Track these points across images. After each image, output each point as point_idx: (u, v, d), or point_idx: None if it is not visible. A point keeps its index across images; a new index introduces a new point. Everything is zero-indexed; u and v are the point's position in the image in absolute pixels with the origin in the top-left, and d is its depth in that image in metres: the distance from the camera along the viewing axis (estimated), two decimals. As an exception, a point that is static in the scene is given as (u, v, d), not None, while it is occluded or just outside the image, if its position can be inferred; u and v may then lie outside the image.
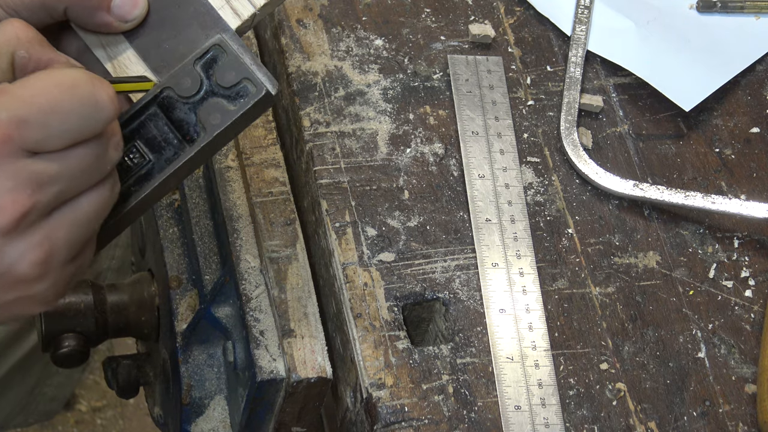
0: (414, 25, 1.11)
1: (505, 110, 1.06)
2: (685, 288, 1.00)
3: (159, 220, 1.13)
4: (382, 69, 1.08)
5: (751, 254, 1.02)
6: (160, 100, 0.80)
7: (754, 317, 0.99)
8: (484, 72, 1.08)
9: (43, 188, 0.71)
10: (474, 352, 0.94)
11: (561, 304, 0.97)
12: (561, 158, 1.05)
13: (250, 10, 0.84)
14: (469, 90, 1.06)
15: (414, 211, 1.00)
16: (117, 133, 0.74)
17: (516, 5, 1.14)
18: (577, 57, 1.10)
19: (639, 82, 1.10)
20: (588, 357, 0.95)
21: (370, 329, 0.93)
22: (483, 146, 1.03)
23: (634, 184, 1.02)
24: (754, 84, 1.13)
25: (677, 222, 1.03)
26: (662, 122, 1.09)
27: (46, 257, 0.72)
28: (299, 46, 1.07)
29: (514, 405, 0.91)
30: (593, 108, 1.08)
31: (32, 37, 0.75)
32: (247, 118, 0.80)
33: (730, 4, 1.15)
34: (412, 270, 0.97)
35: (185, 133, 0.79)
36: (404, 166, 1.02)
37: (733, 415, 0.94)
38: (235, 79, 0.80)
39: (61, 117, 0.70)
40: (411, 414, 0.90)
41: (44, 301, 0.75)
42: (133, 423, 2.10)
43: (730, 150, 1.08)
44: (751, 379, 0.96)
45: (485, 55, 1.09)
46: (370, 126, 1.04)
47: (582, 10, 1.13)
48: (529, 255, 0.98)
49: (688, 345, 0.97)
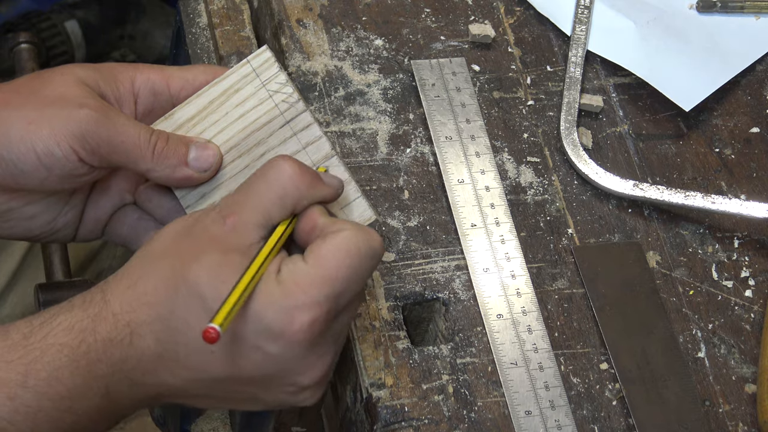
0: (414, 25, 1.11)
1: (475, 111, 1.05)
2: (685, 288, 1.00)
3: (159, 220, 1.12)
4: (382, 69, 1.08)
5: (751, 254, 1.02)
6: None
7: (754, 317, 0.99)
8: (449, 75, 1.07)
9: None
10: (474, 352, 0.94)
11: (561, 304, 0.97)
12: (561, 158, 1.05)
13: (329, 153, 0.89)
14: (437, 95, 1.06)
15: (414, 211, 1.00)
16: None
17: (516, 5, 1.14)
18: (577, 57, 1.10)
19: (639, 82, 1.10)
20: (588, 357, 0.95)
21: (370, 329, 0.93)
22: (458, 151, 1.03)
23: (634, 184, 1.02)
24: (754, 84, 1.13)
25: (677, 222, 1.03)
26: (662, 122, 1.09)
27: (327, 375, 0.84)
28: (299, 46, 1.07)
29: (525, 410, 0.91)
30: (593, 108, 1.08)
31: (307, 181, 0.83)
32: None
33: (730, 4, 1.15)
34: (412, 270, 0.97)
35: None
36: (404, 166, 1.02)
37: (733, 415, 0.94)
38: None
39: (361, 280, 0.81)
40: (411, 414, 0.90)
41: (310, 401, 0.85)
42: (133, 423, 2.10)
43: (730, 150, 1.08)
44: (751, 379, 0.96)
45: (448, 57, 1.08)
46: (370, 126, 1.04)
47: (582, 10, 1.13)
48: (518, 256, 0.98)
49: (688, 345, 0.97)
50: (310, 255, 0.79)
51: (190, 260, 0.78)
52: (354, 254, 0.79)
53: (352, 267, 0.79)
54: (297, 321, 0.77)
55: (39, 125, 0.83)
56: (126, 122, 0.85)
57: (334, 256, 0.79)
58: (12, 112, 0.84)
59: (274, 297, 0.77)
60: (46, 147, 0.83)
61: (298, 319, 0.77)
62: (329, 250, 0.79)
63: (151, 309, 0.79)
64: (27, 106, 0.84)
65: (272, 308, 0.77)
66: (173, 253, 0.80)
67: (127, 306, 0.79)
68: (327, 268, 0.79)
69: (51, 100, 0.84)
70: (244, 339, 0.78)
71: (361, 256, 0.80)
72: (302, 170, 0.82)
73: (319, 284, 0.78)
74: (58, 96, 0.84)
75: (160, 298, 0.78)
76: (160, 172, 0.86)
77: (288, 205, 0.81)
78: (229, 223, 0.80)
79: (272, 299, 0.77)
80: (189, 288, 0.78)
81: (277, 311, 0.77)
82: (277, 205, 0.81)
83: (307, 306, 0.77)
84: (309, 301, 0.77)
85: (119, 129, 0.84)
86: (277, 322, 0.77)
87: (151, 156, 0.85)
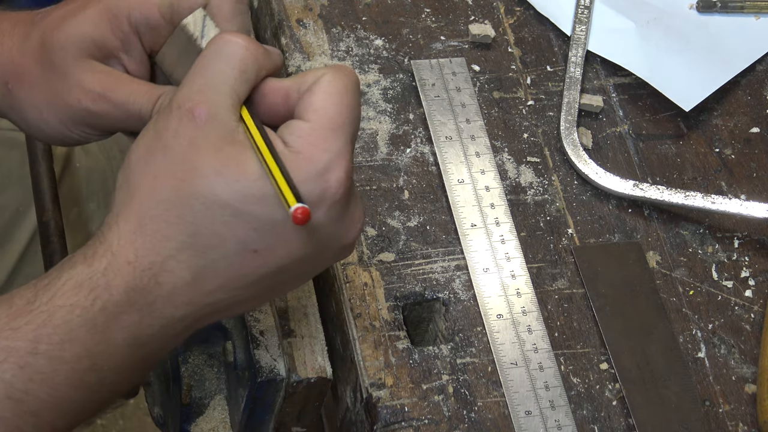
0: (414, 25, 1.11)
1: (475, 111, 1.05)
2: (685, 288, 1.00)
3: (159, 220, 1.12)
4: (382, 69, 1.08)
5: (751, 254, 1.02)
6: None
7: (754, 317, 0.99)
8: (449, 75, 1.07)
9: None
10: (474, 352, 0.94)
11: (561, 304, 0.97)
12: (561, 158, 1.05)
13: None
14: (437, 95, 1.06)
15: (414, 211, 1.00)
16: None
17: (516, 5, 1.14)
18: (577, 57, 1.10)
19: (639, 82, 1.10)
20: (588, 357, 0.95)
21: (370, 329, 0.93)
22: (458, 151, 1.03)
23: (634, 184, 1.03)
24: (754, 84, 1.13)
25: (677, 222, 1.03)
26: (662, 122, 1.09)
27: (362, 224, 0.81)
28: (299, 46, 1.07)
29: (525, 410, 0.91)
30: (593, 108, 1.08)
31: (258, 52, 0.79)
32: None
33: (730, 4, 1.15)
34: (412, 270, 0.97)
35: None
36: (404, 166, 1.02)
37: (733, 415, 0.94)
38: None
39: (359, 113, 0.78)
40: (411, 414, 0.90)
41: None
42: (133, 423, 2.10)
43: (730, 150, 1.08)
44: (751, 379, 0.96)
45: (448, 57, 1.08)
46: (370, 126, 1.04)
47: (582, 10, 1.13)
48: (518, 256, 0.98)
49: (688, 345, 0.97)
50: (308, 112, 0.76)
51: (187, 176, 0.75)
52: (344, 92, 0.77)
53: (350, 105, 0.77)
54: (332, 180, 0.75)
55: (49, 115, 0.89)
56: (127, 98, 0.87)
57: (332, 102, 0.76)
58: (25, 98, 0.90)
59: (300, 169, 0.74)
60: (60, 132, 0.90)
61: (332, 178, 0.74)
62: (323, 98, 0.76)
63: (169, 241, 0.75)
64: (36, 94, 0.89)
65: (305, 180, 0.74)
66: (162, 176, 0.76)
67: (142, 250, 0.75)
68: (331, 116, 0.76)
69: (57, 90, 0.88)
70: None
71: (351, 91, 0.77)
72: (253, 42, 0.78)
73: (332, 136, 0.75)
74: (64, 85, 0.88)
75: (176, 228, 0.75)
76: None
77: (251, 78, 0.78)
78: (200, 116, 0.76)
79: (300, 172, 0.74)
80: (205, 202, 0.74)
81: (310, 181, 0.74)
82: (241, 81, 0.77)
83: (333, 162, 0.75)
84: (333, 156, 0.75)
85: (122, 107, 0.87)
86: (316, 190, 0.74)
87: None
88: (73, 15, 0.91)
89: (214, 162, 0.74)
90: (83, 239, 1.42)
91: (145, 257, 0.75)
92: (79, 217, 1.43)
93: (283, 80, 0.79)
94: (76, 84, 0.90)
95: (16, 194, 1.36)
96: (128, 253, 0.76)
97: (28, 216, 1.36)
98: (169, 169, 0.76)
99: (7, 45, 0.93)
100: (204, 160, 0.74)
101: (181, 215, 0.75)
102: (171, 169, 0.75)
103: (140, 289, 0.75)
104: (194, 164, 0.75)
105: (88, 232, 1.43)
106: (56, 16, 0.92)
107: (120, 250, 0.76)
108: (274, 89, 0.79)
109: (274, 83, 0.79)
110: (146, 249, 0.75)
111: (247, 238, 0.75)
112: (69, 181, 1.43)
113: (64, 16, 0.91)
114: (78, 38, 0.90)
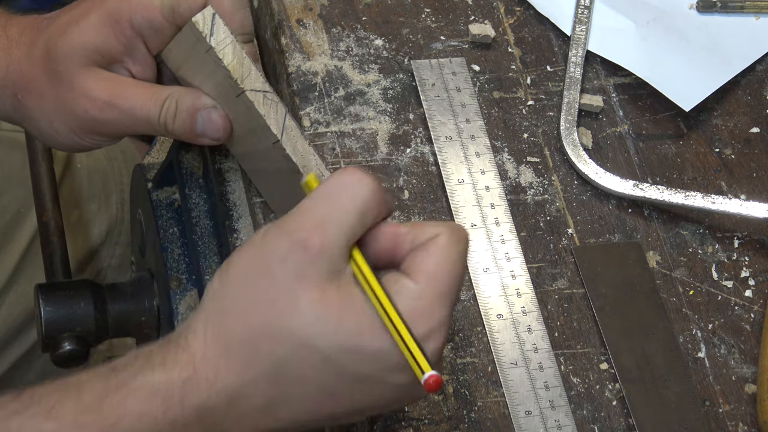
0: (414, 25, 1.11)
1: (475, 111, 1.05)
2: (685, 288, 1.00)
3: (159, 220, 1.13)
4: (382, 69, 1.08)
5: (751, 254, 1.02)
6: None
7: (754, 317, 0.99)
8: (449, 74, 1.07)
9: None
10: (474, 352, 0.94)
11: (561, 304, 0.97)
12: (561, 158, 1.05)
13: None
14: (437, 95, 1.06)
15: (414, 211, 1.00)
16: None
17: (516, 5, 1.14)
18: (577, 57, 1.10)
19: (639, 82, 1.10)
20: (588, 357, 0.95)
21: (370, 329, 0.93)
22: (458, 151, 1.03)
23: (634, 184, 1.03)
24: (754, 84, 1.13)
25: (677, 222, 1.03)
26: (662, 122, 1.09)
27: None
28: (299, 46, 1.07)
29: (525, 410, 0.91)
30: (593, 108, 1.08)
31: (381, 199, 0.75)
32: None
33: (730, 4, 1.15)
34: (412, 270, 0.97)
35: None
36: (404, 166, 1.02)
37: (733, 415, 0.94)
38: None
39: (463, 277, 0.76)
40: (411, 414, 0.90)
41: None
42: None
43: (730, 150, 1.08)
44: (751, 379, 0.96)
45: (448, 57, 1.08)
46: (370, 126, 1.04)
47: (582, 10, 1.13)
48: (518, 256, 0.98)
49: (688, 345, 0.97)
50: (419, 273, 0.73)
51: (287, 310, 0.72)
52: (458, 259, 0.74)
53: (461, 274, 0.74)
54: (429, 350, 0.72)
55: (59, 124, 0.94)
56: (134, 104, 0.90)
57: (446, 269, 0.73)
58: (35, 108, 0.95)
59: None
60: (72, 140, 0.95)
61: (430, 347, 0.72)
62: (437, 263, 0.73)
63: (253, 369, 0.73)
64: (44, 104, 0.94)
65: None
66: (262, 302, 0.73)
67: (223, 371, 0.73)
68: (441, 283, 0.73)
69: (64, 100, 0.93)
70: (374, 376, 0.74)
71: (463, 258, 0.75)
72: (379, 183, 0.75)
73: (439, 305, 0.73)
74: (71, 95, 0.92)
75: (262, 358, 0.73)
76: (179, 137, 0.93)
77: (369, 222, 0.74)
78: (312, 247, 0.72)
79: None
80: (299, 343, 0.72)
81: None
82: (360, 223, 0.74)
83: (435, 331, 0.73)
84: (435, 326, 0.73)
85: (129, 113, 0.91)
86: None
87: (165, 131, 0.93)
88: (75, 23, 0.91)
89: (316, 306, 0.72)
90: (83, 240, 1.43)
91: (225, 378, 0.74)
92: (80, 218, 1.43)
93: (397, 227, 0.76)
94: (82, 93, 0.91)
95: (17, 195, 1.37)
96: (209, 371, 0.74)
97: (29, 217, 1.36)
98: (269, 297, 0.73)
99: (15, 55, 0.94)
100: (306, 297, 0.72)
101: (271, 348, 0.73)
102: (272, 297, 0.73)
103: (211, 408, 0.74)
104: (296, 300, 0.72)
105: (88, 233, 1.43)
106: (60, 23, 0.93)
107: (202, 366, 0.74)
108: (386, 234, 0.76)
109: (387, 228, 0.76)
110: (228, 371, 0.74)
111: (329, 384, 0.74)
112: (70, 181, 1.43)
113: (67, 24, 0.92)
114: (81, 46, 0.91)
